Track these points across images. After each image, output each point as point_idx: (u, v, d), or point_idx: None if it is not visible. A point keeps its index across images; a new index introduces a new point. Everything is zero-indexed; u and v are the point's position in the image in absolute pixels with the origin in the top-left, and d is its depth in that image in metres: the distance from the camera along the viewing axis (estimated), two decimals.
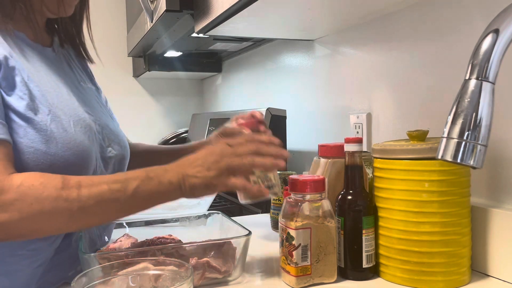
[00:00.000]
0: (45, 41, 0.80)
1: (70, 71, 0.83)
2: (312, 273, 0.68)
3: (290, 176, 0.71)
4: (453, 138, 0.49)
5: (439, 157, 0.51)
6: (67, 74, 0.81)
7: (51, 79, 0.73)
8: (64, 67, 0.81)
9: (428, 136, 0.71)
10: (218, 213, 0.87)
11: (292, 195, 0.70)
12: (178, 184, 0.64)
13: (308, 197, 0.68)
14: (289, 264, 0.68)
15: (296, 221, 0.67)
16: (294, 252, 0.66)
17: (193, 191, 0.65)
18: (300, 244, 0.66)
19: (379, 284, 0.70)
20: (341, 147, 0.77)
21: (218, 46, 1.68)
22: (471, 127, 0.49)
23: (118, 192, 0.62)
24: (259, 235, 0.97)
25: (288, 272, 0.68)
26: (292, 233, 0.66)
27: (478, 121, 0.49)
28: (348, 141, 0.73)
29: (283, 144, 1.29)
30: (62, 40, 0.85)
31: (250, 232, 0.72)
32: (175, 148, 1.03)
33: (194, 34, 1.18)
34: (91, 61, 0.92)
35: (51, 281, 0.72)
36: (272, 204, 1.01)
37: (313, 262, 0.68)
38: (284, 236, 0.68)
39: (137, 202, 0.64)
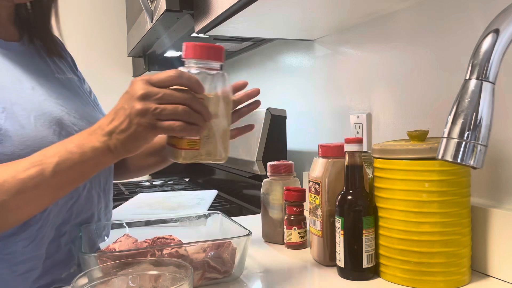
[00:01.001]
0: (10, 35, 0.78)
1: (42, 63, 0.81)
2: (200, 149, 0.62)
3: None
4: (453, 138, 0.49)
5: (439, 157, 0.51)
6: (38, 67, 0.79)
7: (12, 74, 0.71)
8: (35, 61, 0.79)
9: (428, 136, 0.71)
10: (218, 213, 0.87)
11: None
12: (106, 146, 0.59)
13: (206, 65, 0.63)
14: (175, 137, 0.62)
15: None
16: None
17: (125, 147, 0.59)
18: None
19: (379, 284, 0.70)
20: (341, 147, 0.77)
21: None
22: (471, 127, 0.49)
23: (36, 178, 0.57)
24: (259, 235, 0.97)
25: (174, 146, 0.62)
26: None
27: (478, 121, 0.49)
28: (348, 141, 0.73)
29: (283, 144, 1.29)
30: (31, 34, 0.82)
31: (250, 232, 0.72)
32: None
33: (194, 34, 1.18)
34: (61, 56, 0.87)
35: (45, 285, 0.72)
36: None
37: (203, 137, 0.62)
38: None
39: (62, 181, 0.59)
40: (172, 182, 1.92)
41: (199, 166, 1.89)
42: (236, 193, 1.54)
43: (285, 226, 0.91)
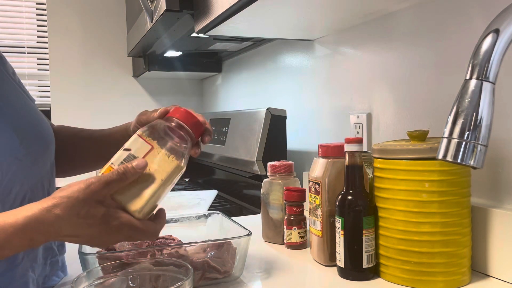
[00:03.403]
0: None
1: None
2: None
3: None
4: (454, 138, 0.49)
5: (440, 157, 0.50)
6: None
7: None
8: None
9: (428, 136, 0.71)
10: (218, 213, 0.87)
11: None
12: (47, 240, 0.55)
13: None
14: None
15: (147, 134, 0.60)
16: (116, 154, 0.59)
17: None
18: (129, 150, 0.59)
19: (379, 284, 0.70)
20: (341, 147, 0.77)
21: (218, 46, 1.68)
22: (472, 127, 0.49)
23: None
24: (259, 235, 0.97)
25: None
26: (133, 137, 0.60)
27: (478, 121, 0.49)
28: (348, 141, 0.73)
29: (283, 144, 1.29)
30: None
31: (250, 232, 0.72)
32: (95, 132, 0.89)
33: (194, 34, 1.18)
34: None
35: None
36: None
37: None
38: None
39: None
40: None
41: (199, 166, 1.89)
42: (236, 193, 1.54)
43: (285, 226, 0.91)
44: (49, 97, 2.11)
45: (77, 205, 0.53)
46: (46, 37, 2.11)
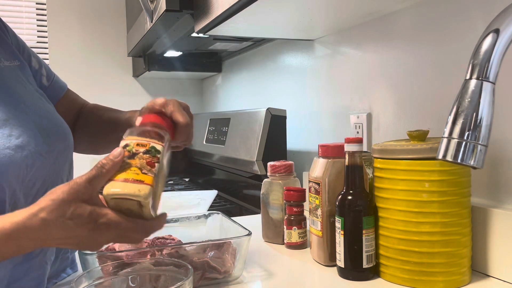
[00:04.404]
0: None
1: None
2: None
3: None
4: (454, 138, 0.49)
5: (440, 157, 0.50)
6: None
7: None
8: None
9: (428, 136, 0.71)
10: (218, 213, 0.87)
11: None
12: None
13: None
14: (146, 174, 0.57)
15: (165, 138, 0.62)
16: (156, 164, 0.59)
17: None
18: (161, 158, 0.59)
19: (379, 284, 0.70)
20: (341, 147, 0.77)
21: (218, 46, 1.68)
22: (472, 127, 0.49)
23: None
24: (259, 235, 0.97)
25: (141, 181, 0.57)
26: (159, 147, 0.60)
27: (478, 121, 0.49)
28: (348, 141, 0.73)
29: (283, 144, 1.29)
30: None
31: (250, 232, 0.72)
32: (111, 111, 0.92)
33: (194, 34, 1.18)
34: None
35: None
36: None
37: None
38: (145, 149, 0.59)
39: None
40: (172, 182, 1.92)
41: (199, 166, 1.89)
42: (236, 193, 1.54)
43: (285, 226, 0.91)
44: None
45: (63, 206, 0.52)
46: (46, 37, 2.11)
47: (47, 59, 2.11)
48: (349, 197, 0.72)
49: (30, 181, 0.64)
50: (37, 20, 2.16)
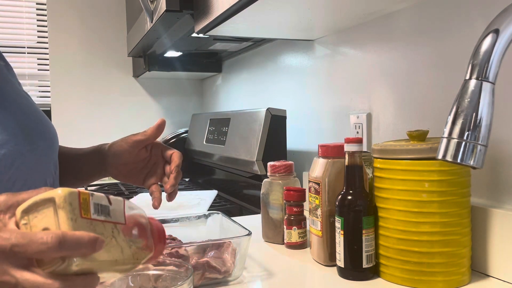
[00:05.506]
0: None
1: None
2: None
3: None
4: (453, 138, 0.49)
5: (439, 157, 0.51)
6: None
7: None
8: None
9: (428, 136, 0.71)
10: (218, 213, 0.87)
11: None
12: None
13: None
14: None
15: None
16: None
17: None
18: None
19: (379, 284, 0.70)
20: (341, 147, 0.77)
21: (218, 46, 1.68)
22: (471, 127, 0.49)
23: None
24: (259, 235, 0.97)
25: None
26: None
27: (478, 121, 0.49)
28: (348, 141, 0.73)
29: (283, 144, 1.29)
30: None
31: (250, 232, 0.72)
32: (72, 151, 0.88)
33: (194, 34, 1.18)
34: None
35: None
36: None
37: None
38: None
39: None
40: None
41: (199, 166, 1.89)
42: (236, 193, 1.54)
43: (285, 226, 0.91)
44: (49, 97, 2.11)
45: None
46: (46, 37, 2.11)
47: (47, 59, 2.11)
48: (349, 197, 0.72)
49: (9, 181, 0.62)
50: (37, 20, 2.16)
